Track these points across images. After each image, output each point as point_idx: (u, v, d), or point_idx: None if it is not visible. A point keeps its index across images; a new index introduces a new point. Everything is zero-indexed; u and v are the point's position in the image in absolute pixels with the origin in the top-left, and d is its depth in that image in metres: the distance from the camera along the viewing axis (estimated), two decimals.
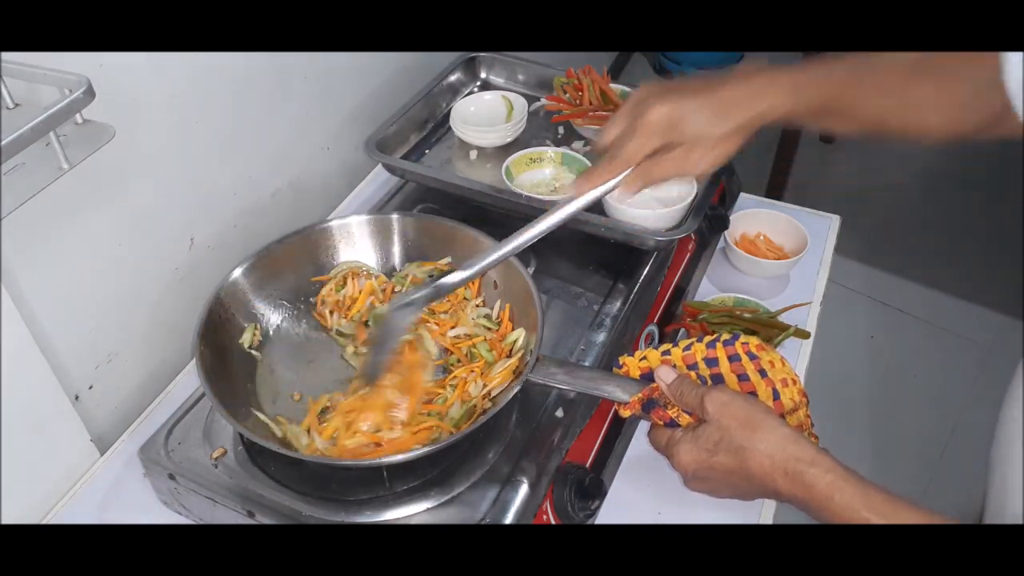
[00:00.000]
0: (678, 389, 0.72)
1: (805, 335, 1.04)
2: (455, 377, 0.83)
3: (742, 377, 0.76)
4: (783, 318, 1.05)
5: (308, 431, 0.79)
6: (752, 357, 0.77)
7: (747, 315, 1.04)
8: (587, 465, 0.85)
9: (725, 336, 0.79)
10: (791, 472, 0.64)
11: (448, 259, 0.96)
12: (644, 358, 0.78)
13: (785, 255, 1.16)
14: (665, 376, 0.74)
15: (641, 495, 0.87)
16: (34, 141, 0.63)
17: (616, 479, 0.89)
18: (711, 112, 0.71)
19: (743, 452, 0.67)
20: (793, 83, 0.72)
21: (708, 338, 0.79)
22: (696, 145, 0.72)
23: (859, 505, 0.61)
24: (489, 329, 0.88)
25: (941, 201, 2.63)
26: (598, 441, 0.88)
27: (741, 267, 1.16)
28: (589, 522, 0.82)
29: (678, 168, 0.73)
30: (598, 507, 0.82)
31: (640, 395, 0.74)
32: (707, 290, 1.14)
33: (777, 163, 2.44)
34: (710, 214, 1.09)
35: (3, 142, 0.61)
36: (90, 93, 0.66)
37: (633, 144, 0.73)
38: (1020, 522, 0.65)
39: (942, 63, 0.70)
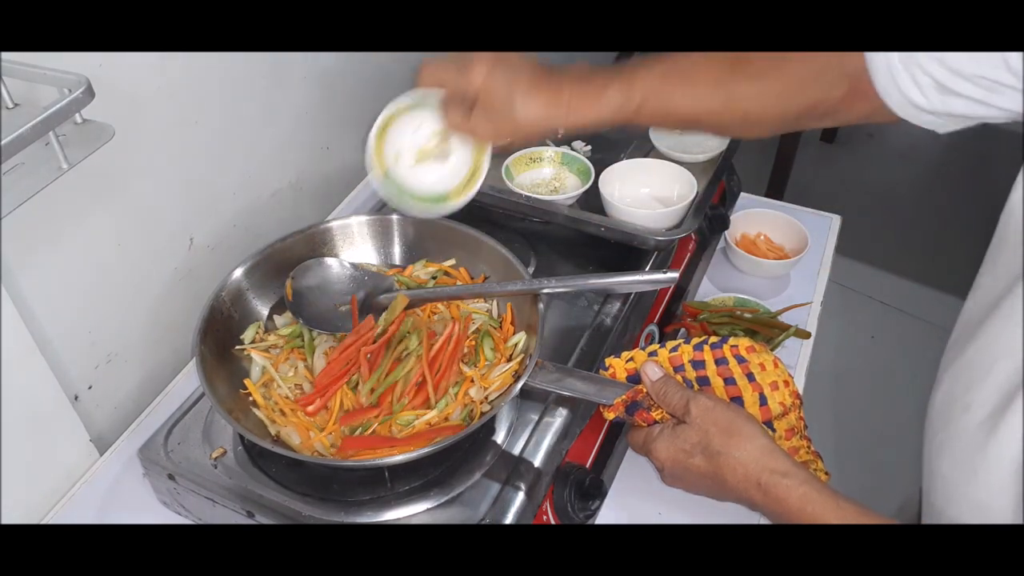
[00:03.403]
0: (662, 388, 0.72)
1: (806, 335, 1.04)
2: (459, 380, 0.82)
3: (728, 381, 0.75)
4: (783, 318, 1.05)
5: (311, 432, 0.79)
6: (741, 360, 0.77)
7: (747, 315, 1.04)
8: (587, 465, 0.85)
9: (713, 339, 0.79)
10: (764, 484, 0.65)
11: (452, 261, 0.96)
12: (631, 359, 0.78)
13: (785, 255, 1.16)
14: (651, 373, 0.74)
15: (641, 495, 0.86)
16: (34, 141, 0.63)
17: (616, 479, 0.89)
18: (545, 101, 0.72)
19: (719, 458, 0.67)
20: (624, 86, 0.72)
21: (696, 340, 0.79)
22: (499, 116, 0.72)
23: (831, 517, 0.61)
24: (493, 328, 0.88)
25: (942, 201, 2.63)
26: (598, 441, 0.88)
27: (741, 267, 1.16)
28: (589, 522, 0.82)
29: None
30: (598, 507, 0.82)
31: (624, 397, 0.74)
32: (707, 290, 1.14)
33: (777, 163, 2.45)
34: (710, 214, 1.09)
35: (3, 142, 0.60)
36: (89, 93, 0.66)
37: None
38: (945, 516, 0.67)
39: (761, 62, 0.71)
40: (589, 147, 1.16)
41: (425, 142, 0.78)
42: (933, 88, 0.64)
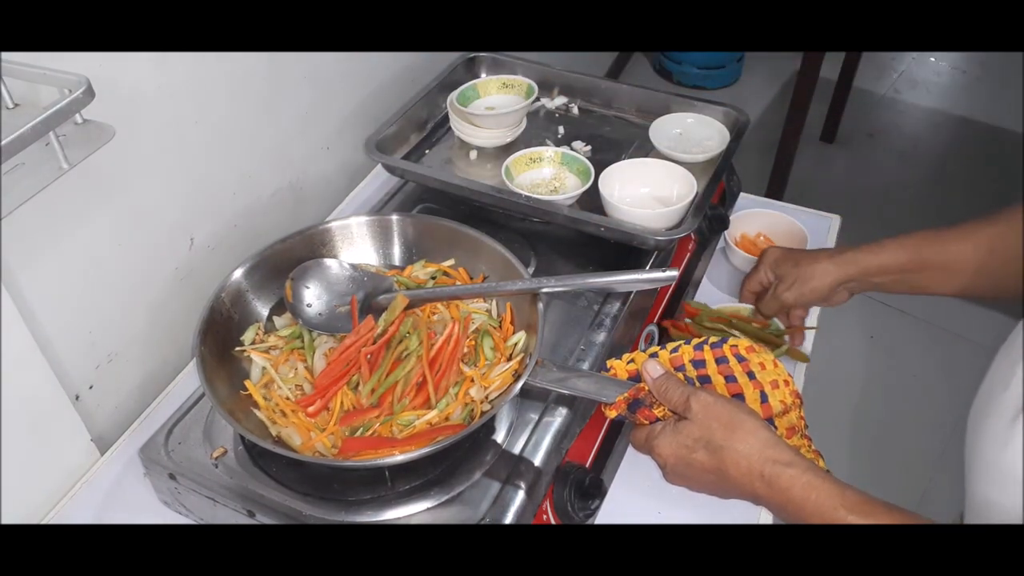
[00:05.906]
0: (663, 385, 0.72)
1: (804, 359, 1.01)
2: (459, 380, 0.82)
3: (729, 379, 0.76)
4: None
5: (311, 432, 0.79)
6: (740, 359, 0.77)
7: (755, 326, 1.01)
8: (587, 465, 0.85)
9: (713, 339, 0.79)
10: (768, 475, 0.65)
11: (452, 261, 0.96)
12: (632, 361, 0.78)
13: None
14: (652, 371, 0.74)
15: (641, 495, 0.87)
16: (34, 141, 0.63)
17: (616, 479, 0.89)
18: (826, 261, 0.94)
19: (721, 452, 0.67)
20: (888, 246, 0.91)
21: (696, 340, 0.79)
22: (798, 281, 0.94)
23: (836, 504, 0.61)
24: (493, 327, 0.88)
25: (941, 201, 2.63)
26: (598, 441, 0.88)
27: (741, 267, 1.16)
28: (589, 522, 0.82)
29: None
30: (598, 507, 0.82)
31: (626, 395, 0.74)
32: (707, 290, 1.14)
33: (777, 163, 2.44)
34: (710, 214, 1.09)
35: (3, 142, 0.61)
36: (90, 93, 0.66)
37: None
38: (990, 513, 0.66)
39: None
40: (589, 147, 1.16)
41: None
42: None
